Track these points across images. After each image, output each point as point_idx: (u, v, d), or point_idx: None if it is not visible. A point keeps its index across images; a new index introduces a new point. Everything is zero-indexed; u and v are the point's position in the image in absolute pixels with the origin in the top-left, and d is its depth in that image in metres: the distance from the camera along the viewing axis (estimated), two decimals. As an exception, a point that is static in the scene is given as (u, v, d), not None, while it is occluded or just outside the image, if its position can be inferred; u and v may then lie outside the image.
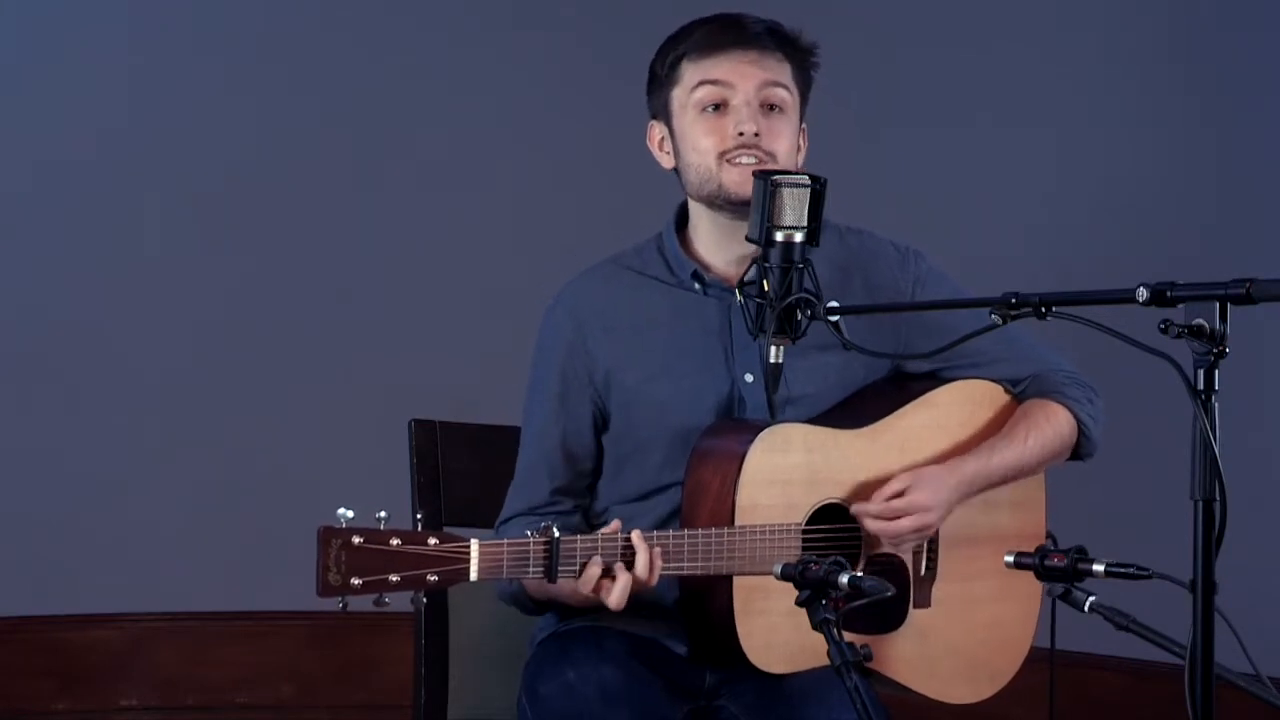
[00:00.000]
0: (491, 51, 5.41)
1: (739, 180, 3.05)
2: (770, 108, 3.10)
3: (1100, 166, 5.21)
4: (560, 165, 5.38)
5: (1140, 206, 5.15)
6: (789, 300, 2.95)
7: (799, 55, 3.14)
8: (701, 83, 3.10)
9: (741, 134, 3.06)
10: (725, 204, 3.09)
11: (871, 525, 3.03)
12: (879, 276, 3.20)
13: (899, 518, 3.03)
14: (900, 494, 3.04)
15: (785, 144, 3.10)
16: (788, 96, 3.12)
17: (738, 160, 3.06)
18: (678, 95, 3.13)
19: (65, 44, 5.29)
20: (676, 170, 3.16)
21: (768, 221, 2.96)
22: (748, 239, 3.00)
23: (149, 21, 5.35)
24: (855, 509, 3.04)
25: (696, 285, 3.14)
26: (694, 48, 3.11)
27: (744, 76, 3.09)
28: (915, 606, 3.11)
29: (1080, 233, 5.19)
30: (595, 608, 3.01)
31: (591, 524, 3.18)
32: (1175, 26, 5.17)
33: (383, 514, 2.71)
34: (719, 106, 3.09)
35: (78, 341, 5.32)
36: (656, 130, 3.18)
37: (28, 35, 5.30)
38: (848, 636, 2.67)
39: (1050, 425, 3.16)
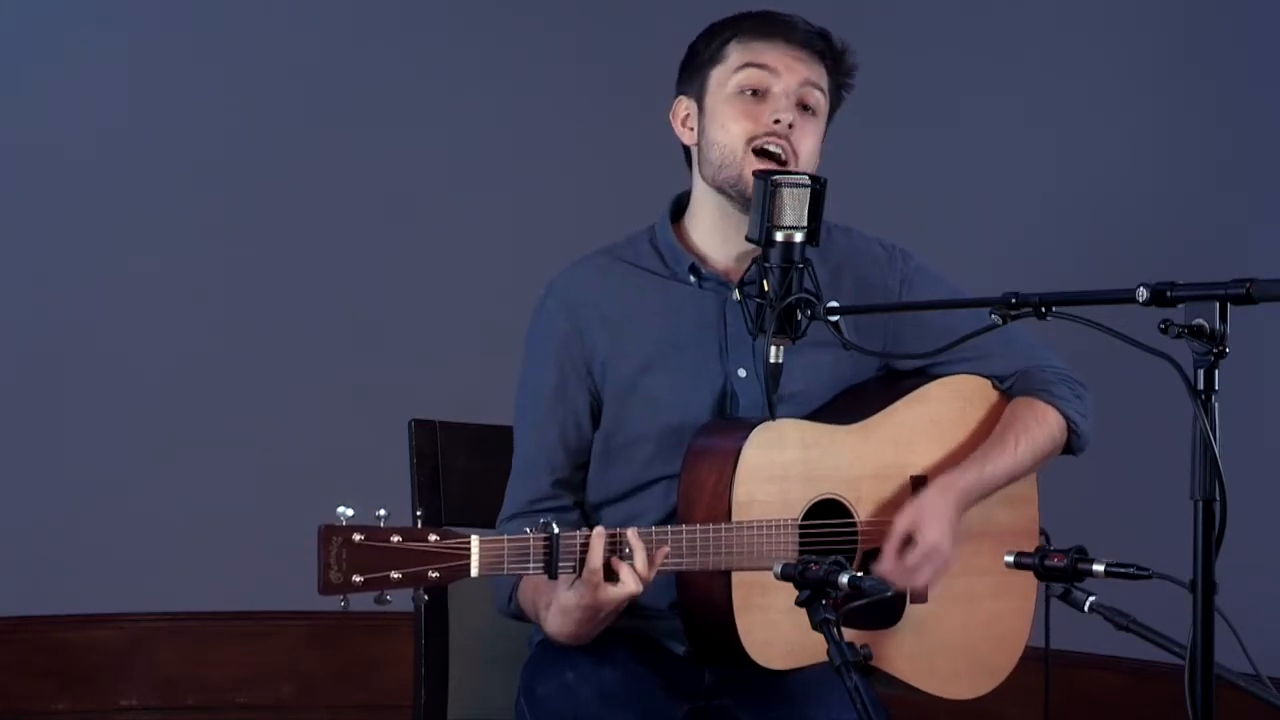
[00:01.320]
0: (492, 52, 5.42)
1: None
2: (805, 108, 3.11)
3: (1100, 166, 5.21)
4: (560, 165, 5.38)
5: (1140, 206, 5.15)
6: (789, 300, 2.96)
7: (840, 69, 3.16)
8: (748, 64, 3.11)
9: (778, 121, 3.07)
10: (737, 195, 3.09)
11: (896, 582, 3.02)
12: (868, 275, 3.21)
13: (919, 567, 3.03)
14: (909, 537, 3.04)
15: (809, 146, 3.11)
16: (822, 102, 3.13)
17: (764, 147, 3.07)
18: (718, 74, 3.13)
19: (65, 44, 5.29)
20: (696, 149, 3.16)
21: (768, 221, 2.96)
22: (748, 239, 3.00)
23: (149, 21, 5.35)
24: (875, 569, 3.02)
25: (692, 278, 3.14)
26: (745, 32, 3.13)
27: (790, 69, 3.10)
28: (913, 602, 3.11)
29: (1080, 233, 5.19)
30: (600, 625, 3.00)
31: (588, 523, 3.18)
32: (1175, 26, 5.16)
33: (382, 511, 2.71)
34: (758, 93, 3.10)
35: (77, 341, 5.32)
36: (683, 106, 3.18)
37: (28, 35, 5.30)
38: (846, 633, 2.67)
39: (1040, 427, 3.17)
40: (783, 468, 3.01)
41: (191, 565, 5.29)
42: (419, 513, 3.28)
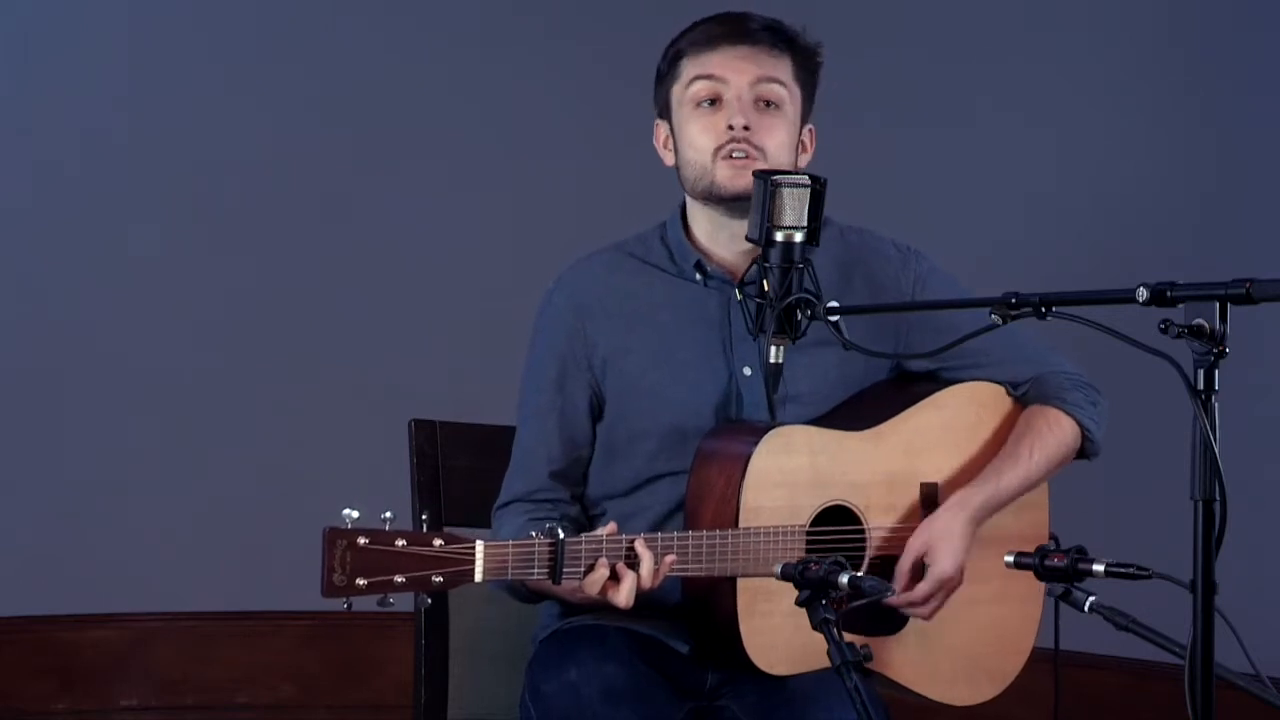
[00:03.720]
0: (492, 52, 5.41)
1: (729, 176, 3.06)
2: (765, 104, 3.11)
3: (1100, 166, 5.21)
4: (560, 166, 5.38)
5: (1140, 206, 5.15)
6: (789, 300, 2.95)
7: (800, 53, 3.15)
8: (696, 78, 3.12)
9: (731, 128, 3.07)
10: (717, 200, 3.10)
11: (907, 611, 3.03)
12: (880, 275, 3.20)
13: (930, 598, 3.04)
14: (919, 561, 3.04)
15: (776, 141, 3.10)
16: (784, 93, 3.12)
17: (729, 156, 3.07)
18: (676, 91, 3.15)
19: (65, 44, 5.29)
20: (676, 169, 3.17)
21: (768, 221, 2.96)
22: (748, 239, 3.01)
23: (149, 21, 5.35)
24: (890, 602, 3.03)
25: (698, 276, 3.15)
26: (691, 44, 3.13)
27: (737, 72, 3.10)
28: (916, 606, 3.11)
29: (1080, 233, 5.19)
30: (595, 605, 3.01)
31: (588, 516, 3.19)
32: (1175, 26, 5.16)
33: (388, 514, 2.71)
34: (714, 102, 3.11)
35: (77, 342, 5.31)
36: (662, 129, 3.19)
37: (28, 35, 5.30)
38: (849, 638, 2.67)
39: (1053, 435, 3.16)
40: (791, 474, 3.01)
41: (191, 565, 5.29)
42: (424, 516, 3.27)
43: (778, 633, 2.96)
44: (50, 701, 5.29)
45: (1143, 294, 2.53)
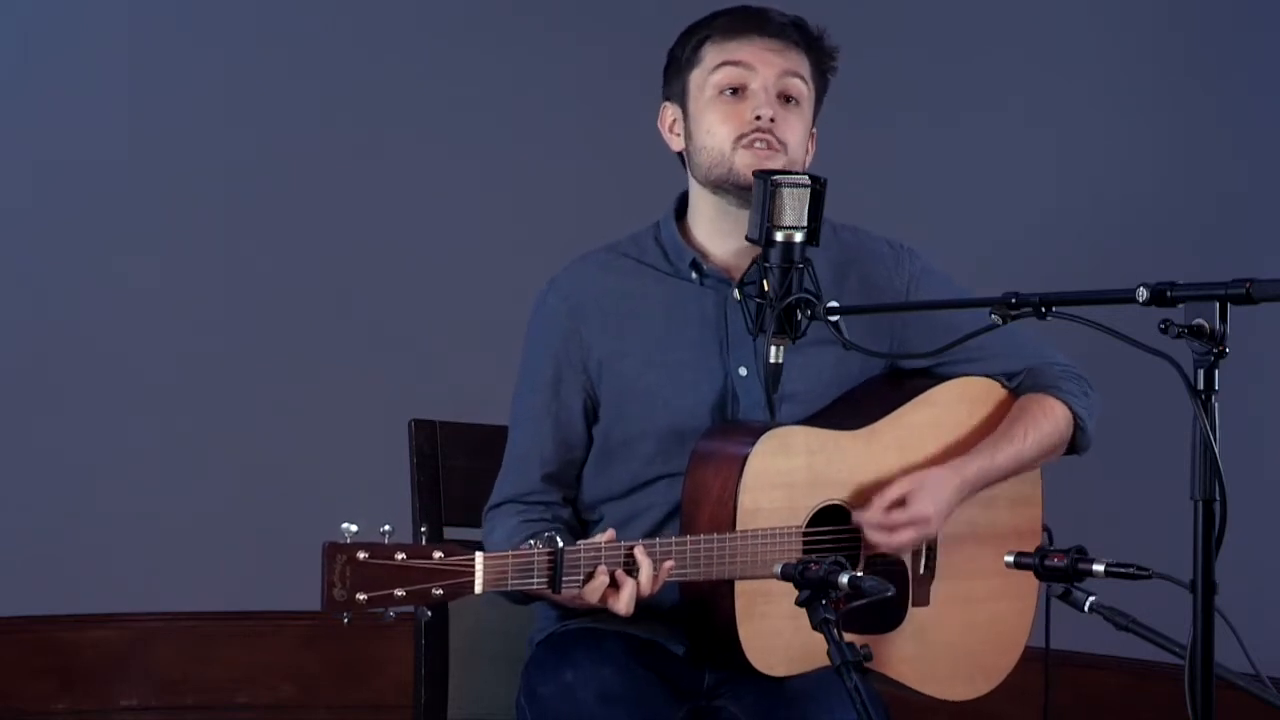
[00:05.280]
0: (492, 51, 5.41)
1: (750, 164, 3.05)
2: (787, 99, 3.11)
3: (1100, 166, 5.21)
4: (560, 165, 5.38)
5: (1140, 206, 5.15)
6: (789, 300, 2.95)
7: (820, 54, 3.15)
8: (723, 64, 3.11)
9: (759, 118, 3.07)
10: (733, 188, 3.09)
11: (872, 535, 3.03)
12: (874, 274, 3.20)
13: (900, 528, 3.03)
14: (901, 501, 3.04)
15: (796, 136, 3.10)
16: (805, 90, 3.12)
17: (750, 145, 3.07)
18: (696, 76, 3.13)
19: (65, 44, 5.29)
20: (685, 154, 3.17)
21: (768, 221, 2.96)
22: (748, 238, 3.00)
23: (149, 21, 5.35)
24: (856, 517, 3.04)
25: (694, 275, 3.14)
26: (719, 31, 3.13)
27: (765, 63, 3.10)
28: (914, 605, 3.11)
29: (1080, 233, 5.19)
30: (592, 609, 3.01)
31: (582, 520, 3.19)
32: (1176, 26, 5.17)
33: (387, 528, 2.69)
34: (737, 91, 3.10)
35: (78, 342, 5.31)
36: (669, 112, 3.18)
37: (28, 35, 5.30)
38: (847, 637, 2.67)
39: (1048, 421, 3.17)
40: (788, 474, 3.01)
41: (191, 565, 5.29)
42: (423, 529, 3.27)
43: (776, 635, 2.96)
44: (50, 701, 5.29)
45: (1143, 294, 2.53)
